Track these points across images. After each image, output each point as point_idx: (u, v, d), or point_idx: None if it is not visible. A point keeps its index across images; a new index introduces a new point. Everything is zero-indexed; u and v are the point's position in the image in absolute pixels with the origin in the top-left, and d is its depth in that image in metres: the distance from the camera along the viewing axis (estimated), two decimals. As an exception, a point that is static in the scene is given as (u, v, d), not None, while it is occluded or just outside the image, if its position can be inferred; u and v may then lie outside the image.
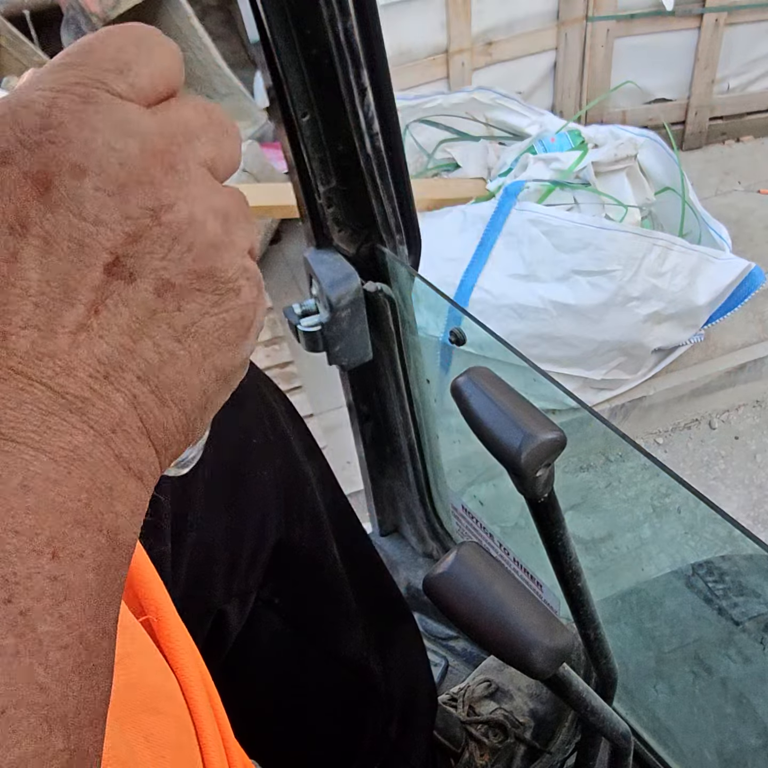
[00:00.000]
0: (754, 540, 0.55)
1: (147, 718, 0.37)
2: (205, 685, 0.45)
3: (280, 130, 0.77)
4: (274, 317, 2.58)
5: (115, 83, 0.26)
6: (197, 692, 0.43)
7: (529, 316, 2.09)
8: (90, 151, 0.24)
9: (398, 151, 0.78)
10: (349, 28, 0.67)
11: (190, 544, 0.60)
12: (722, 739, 0.85)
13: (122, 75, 0.26)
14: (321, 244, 0.85)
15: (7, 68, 2.94)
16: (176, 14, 3.08)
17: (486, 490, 1.03)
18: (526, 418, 0.52)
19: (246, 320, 0.28)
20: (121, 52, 0.27)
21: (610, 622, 0.87)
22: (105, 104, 0.25)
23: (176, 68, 0.29)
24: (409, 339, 0.91)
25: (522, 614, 0.46)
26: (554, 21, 2.97)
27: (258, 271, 0.29)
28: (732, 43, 3.04)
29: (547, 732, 0.95)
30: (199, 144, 0.27)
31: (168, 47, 0.29)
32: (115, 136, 0.25)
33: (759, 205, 2.94)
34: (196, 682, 0.43)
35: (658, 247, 2.06)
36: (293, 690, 0.76)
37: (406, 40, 2.82)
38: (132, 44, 0.28)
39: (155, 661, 0.41)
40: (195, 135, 0.27)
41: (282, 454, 0.69)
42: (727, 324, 2.47)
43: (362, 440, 1.07)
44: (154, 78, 0.28)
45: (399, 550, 1.23)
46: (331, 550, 0.74)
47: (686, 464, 2.34)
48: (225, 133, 0.29)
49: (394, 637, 0.87)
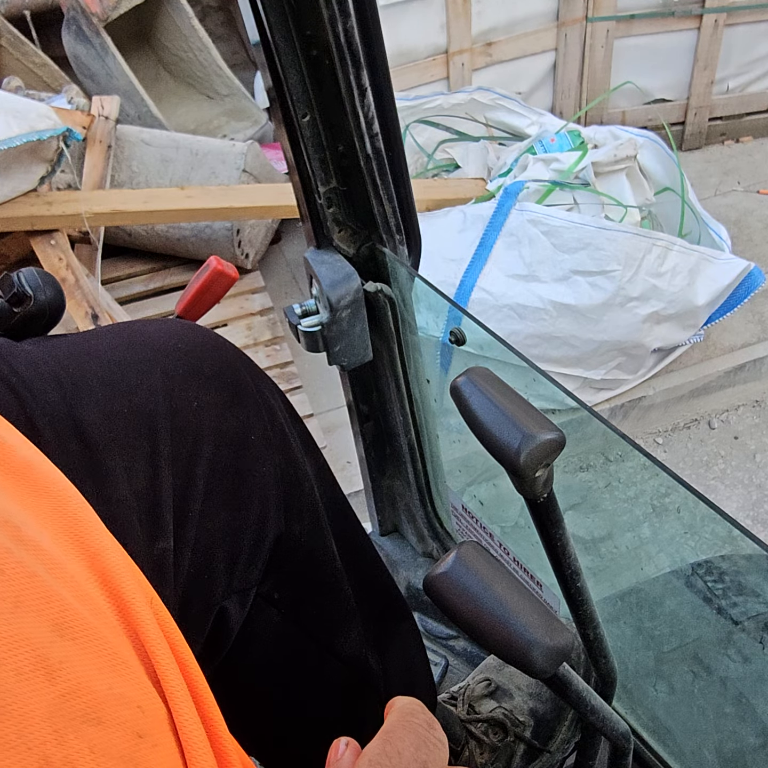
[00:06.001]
0: (754, 540, 0.55)
1: (88, 729, 0.36)
2: (188, 683, 0.43)
3: (280, 130, 0.77)
4: (274, 317, 2.58)
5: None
6: (174, 688, 0.41)
7: (529, 316, 2.09)
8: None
9: (398, 151, 0.78)
10: (349, 28, 0.67)
11: (191, 540, 0.60)
12: (721, 739, 0.85)
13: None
14: (321, 244, 0.85)
15: (8, 68, 2.94)
16: (176, 15, 3.08)
17: (486, 490, 1.03)
18: (526, 418, 0.53)
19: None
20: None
21: (610, 621, 0.87)
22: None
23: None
24: (409, 339, 0.91)
25: (522, 614, 0.46)
26: (554, 21, 2.97)
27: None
28: (731, 44, 3.04)
29: (546, 731, 0.95)
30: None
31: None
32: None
33: (758, 205, 2.95)
34: (170, 673, 0.42)
35: (658, 247, 2.06)
36: (292, 687, 0.76)
37: (406, 41, 2.83)
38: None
39: (104, 658, 0.39)
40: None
41: (281, 450, 0.70)
42: (727, 324, 2.47)
43: (362, 440, 1.08)
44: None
45: (399, 549, 1.23)
46: (330, 546, 0.74)
47: (686, 464, 2.34)
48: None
49: (393, 635, 0.87)
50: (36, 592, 0.38)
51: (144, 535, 0.56)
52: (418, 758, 0.39)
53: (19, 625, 0.36)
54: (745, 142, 3.29)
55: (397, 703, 0.43)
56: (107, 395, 0.58)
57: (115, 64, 2.87)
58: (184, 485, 0.60)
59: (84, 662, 0.38)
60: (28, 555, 0.39)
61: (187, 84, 3.30)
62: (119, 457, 0.56)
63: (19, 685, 0.34)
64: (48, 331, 0.68)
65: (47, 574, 0.39)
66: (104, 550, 0.44)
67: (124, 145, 2.60)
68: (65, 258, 2.26)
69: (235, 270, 0.86)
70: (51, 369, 0.57)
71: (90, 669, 0.38)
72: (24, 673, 0.34)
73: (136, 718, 0.38)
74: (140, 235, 2.65)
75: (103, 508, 0.48)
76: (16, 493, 0.43)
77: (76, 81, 3.01)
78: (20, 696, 0.34)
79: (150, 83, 3.19)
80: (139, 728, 0.38)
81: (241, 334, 2.51)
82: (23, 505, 0.43)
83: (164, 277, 2.70)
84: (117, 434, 0.57)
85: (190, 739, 0.40)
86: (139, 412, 0.59)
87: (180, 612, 0.57)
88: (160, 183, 2.58)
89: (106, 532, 0.45)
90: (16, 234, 2.37)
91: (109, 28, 2.86)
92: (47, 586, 0.38)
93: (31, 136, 2.12)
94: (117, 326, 0.67)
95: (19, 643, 0.35)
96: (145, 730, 0.39)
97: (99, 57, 2.89)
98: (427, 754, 0.39)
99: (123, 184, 2.59)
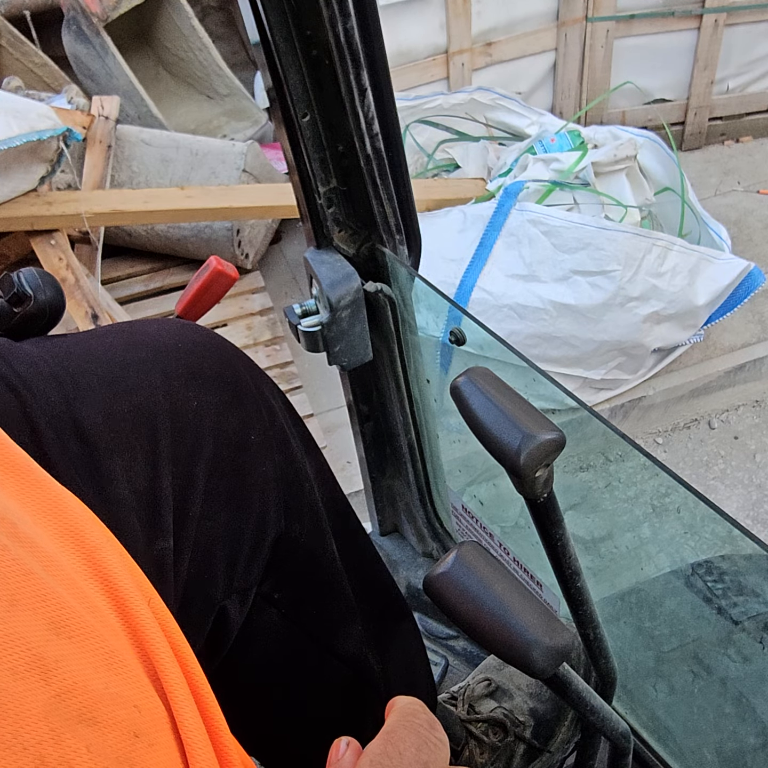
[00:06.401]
0: (754, 539, 0.55)
1: (84, 729, 0.36)
2: (189, 683, 0.43)
3: (280, 130, 0.77)
4: (275, 317, 2.58)
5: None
6: (175, 687, 0.41)
7: (528, 316, 2.09)
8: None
9: (398, 151, 0.78)
10: (349, 28, 0.67)
11: (191, 540, 0.60)
12: (721, 739, 0.85)
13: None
14: (321, 244, 0.85)
15: (8, 68, 2.94)
16: (177, 15, 3.08)
17: (486, 490, 1.03)
18: (526, 418, 0.53)
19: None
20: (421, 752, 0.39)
21: (610, 621, 0.87)
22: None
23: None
24: (409, 339, 0.91)
25: (522, 614, 0.46)
26: (554, 21, 2.97)
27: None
28: (731, 44, 3.04)
29: (546, 731, 0.95)
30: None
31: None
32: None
33: (758, 205, 2.95)
34: (171, 673, 0.41)
35: (658, 247, 2.06)
36: (292, 686, 0.76)
37: (406, 41, 2.83)
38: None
39: (100, 657, 0.39)
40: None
41: (281, 450, 0.70)
42: (727, 324, 2.47)
43: (362, 440, 1.08)
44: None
45: (399, 549, 1.23)
46: (330, 546, 0.74)
47: (686, 464, 2.34)
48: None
49: (394, 634, 0.87)
50: (32, 590, 0.37)
51: (144, 534, 0.56)
52: (419, 759, 0.39)
53: (15, 623, 0.36)
54: (745, 142, 3.29)
55: (398, 703, 0.43)
56: (107, 395, 0.58)
57: (115, 64, 2.87)
58: (184, 485, 0.60)
59: (80, 661, 0.37)
60: (25, 552, 0.39)
61: (187, 84, 3.30)
62: (119, 457, 0.56)
63: (15, 685, 0.34)
64: (48, 331, 0.68)
65: (44, 572, 0.39)
66: (100, 548, 0.43)
67: (124, 145, 2.60)
68: (65, 258, 2.26)
69: (235, 270, 0.86)
70: (51, 369, 0.57)
71: (86, 668, 0.37)
72: (19, 673, 0.34)
73: (133, 717, 0.38)
74: (140, 235, 2.65)
75: (102, 508, 0.48)
76: (11, 489, 0.43)
77: (76, 81, 3.01)
78: (16, 695, 0.34)
79: (150, 83, 3.19)
80: (135, 728, 0.38)
81: (241, 334, 2.51)
82: (19, 501, 0.43)
83: (164, 277, 2.70)
84: (117, 434, 0.57)
85: (191, 739, 0.40)
86: (139, 412, 0.59)
87: (180, 612, 0.57)
88: (160, 183, 2.58)
89: (103, 529, 0.45)
90: (16, 234, 2.37)
91: (109, 28, 2.85)
92: (44, 583, 0.38)
93: (31, 136, 2.12)
94: (117, 326, 0.67)
95: (15, 642, 0.35)
96: (142, 729, 0.38)
97: (99, 57, 2.89)
98: (428, 754, 0.39)
99: (123, 184, 2.59)
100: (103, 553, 0.43)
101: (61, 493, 0.45)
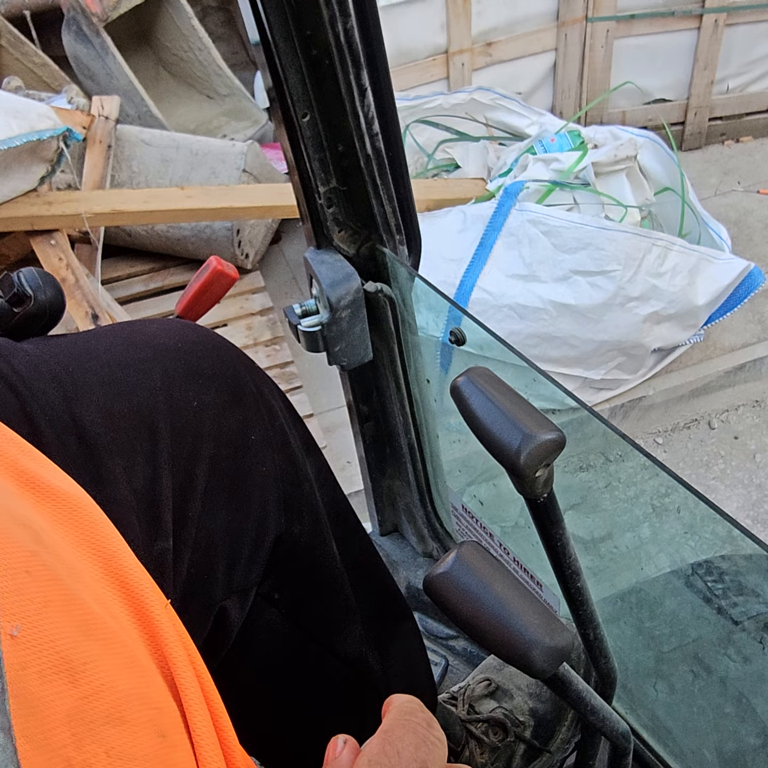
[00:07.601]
0: (754, 539, 0.55)
1: (109, 731, 0.36)
2: (200, 681, 0.43)
3: (280, 130, 0.77)
4: (275, 317, 2.58)
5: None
6: (190, 691, 0.41)
7: (528, 316, 2.09)
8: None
9: (398, 151, 0.78)
10: (349, 28, 0.67)
11: (191, 540, 0.60)
12: (721, 739, 0.85)
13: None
14: (321, 244, 0.85)
15: (8, 68, 2.94)
16: (177, 15, 3.08)
17: (486, 490, 1.03)
18: (526, 418, 0.52)
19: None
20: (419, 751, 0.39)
21: (610, 621, 0.87)
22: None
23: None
24: (409, 339, 0.91)
25: (522, 614, 0.46)
26: (554, 21, 2.97)
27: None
28: (731, 44, 3.04)
29: (546, 731, 0.95)
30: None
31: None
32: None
33: (758, 205, 2.95)
34: (186, 676, 0.42)
35: (658, 247, 2.06)
36: (292, 687, 0.76)
37: (406, 41, 2.83)
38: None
39: (124, 659, 0.39)
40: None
41: (281, 450, 0.70)
42: (727, 324, 2.47)
43: (362, 440, 1.07)
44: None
45: (399, 549, 1.23)
46: (330, 546, 0.74)
47: (686, 464, 2.34)
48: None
49: (394, 634, 0.87)
50: (62, 593, 0.38)
51: (144, 534, 0.56)
52: (417, 757, 0.39)
53: (45, 626, 0.36)
54: (745, 142, 3.29)
55: (396, 701, 0.43)
56: (107, 395, 0.58)
57: (115, 64, 2.87)
58: (184, 485, 0.60)
59: (108, 662, 0.38)
60: (51, 558, 0.39)
61: (187, 84, 3.30)
62: (119, 457, 0.56)
63: (42, 688, 0.34)
64: (48, 331, 0.68)
65: (69, 578, 0.39)
66: (119, 555, 0.44)
67: (124, 145, 2.60)
68: (65, 258, 2.26)
69: (235, 270, 0.86)
70: (51, 369, 0.57)
71: (113, 669, 0.38)
72: (47, 676, 0.35)
73: (157, 718, 0.39)
74: (140, 235, 2.65)
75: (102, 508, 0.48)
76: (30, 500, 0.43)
77: (76, 81, 3.01)
78: (43, 699, 0.34)
79: (150, 83, 3.19)
80: (161, 728, 0.39)
81: (241, 334, 2.51)
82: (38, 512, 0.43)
83: (164, 277, 2.70)
84: (117, 434, 0.57)
85: (203, 741, 0.41)
86: (139, 412, 0.59)
87: (179, 612, 0.57)
88: (160, 183, 2.58)
89: (119, 536, 0.45)
90: (16, 234, 2.37)
91: (109, 28, 2.85)
92: (71, 588, 0.38)
93: (31, 136, 2.12)
94: (117, 326, 0.67)
95: (43, 645, 0.35)
96: (166, 730, 0.39)
97: (99, 57, 2.89)
98: (426, 753, 0.39)
99: (123, 184, 2.59)
100: (122, 560, 0.44)
101: (76, 499, 0.45)
